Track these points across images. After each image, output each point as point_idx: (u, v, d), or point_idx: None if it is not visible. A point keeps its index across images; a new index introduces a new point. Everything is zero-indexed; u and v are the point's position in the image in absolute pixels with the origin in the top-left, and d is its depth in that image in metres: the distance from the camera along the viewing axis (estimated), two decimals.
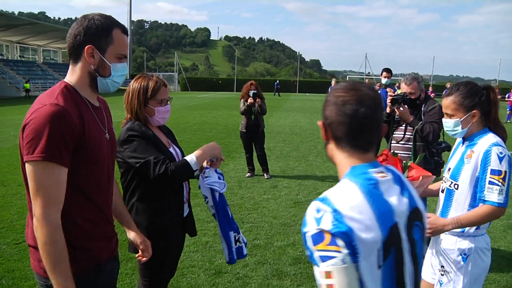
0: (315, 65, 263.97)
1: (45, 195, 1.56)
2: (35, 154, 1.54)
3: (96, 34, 1.69)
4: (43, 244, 1.57)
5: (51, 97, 1.63)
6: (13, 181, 7.23)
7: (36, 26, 44.01)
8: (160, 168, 2.25)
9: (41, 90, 41.44)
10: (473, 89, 2.28)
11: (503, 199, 2.13)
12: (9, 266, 4.05)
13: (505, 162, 2.14)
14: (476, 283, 2.30)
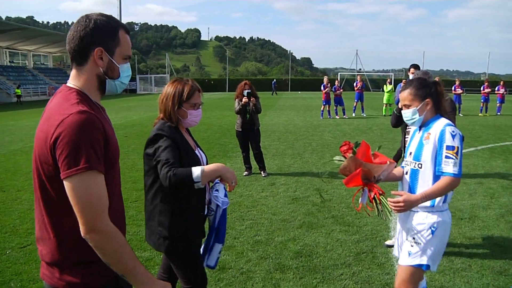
0: (306, 63, 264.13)
1: (98, 206, 1.53)
2: (80, 166, 1.48)
3: (104, 36, 1.65)
4: (115, 252, 1.56)
5: (72, 105, 1.57)
6: (12, 186, 7.28)
7: (25, 31, 43.66)
8: (163, 170, 2.32)
9: (33, 95, 41.26)
10: (424, 82, 2.72)
11: (457, 170, 2.50)
12: (16, 269, 4.12)
13: (457, 139, 2.53)
14: (440, 252, 2.65)
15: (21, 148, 11.33)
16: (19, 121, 19.26)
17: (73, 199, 1.50)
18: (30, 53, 52.50)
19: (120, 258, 1.57)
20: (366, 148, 2.71)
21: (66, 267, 1.63)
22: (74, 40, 1.64)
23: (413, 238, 2.63)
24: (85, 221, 1.51)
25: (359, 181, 2.66)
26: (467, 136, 12.97)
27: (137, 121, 18.22)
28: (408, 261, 2.64)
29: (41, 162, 1.58)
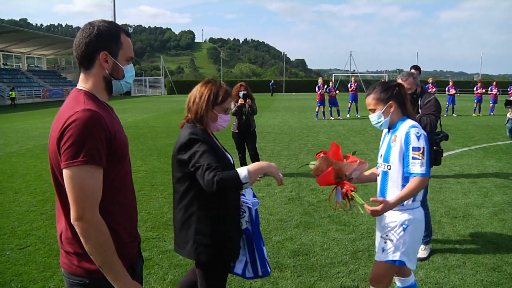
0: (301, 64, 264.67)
1: (90, 197, 1.63)
2: (79, 159, 1.59)
3: (107, 41, 1.77)
4: (98, 243, 1.65)
5: (79, 104, 1.69)
6: (9, 188, 7.29)
7: (19, 33, 43.52)
8: (208, 175, 2.20)
9: (27, 98, 41.08)
10: (386, 85, 2.78)
11: (425, 170, 2.57)
12: (16, 270, 4.15)
13: (422, 140, 2.59)
14: (413, 250, 2.73)
15: (17, 151, 11.31)
16: (13, 124, 19.20)
17: (68, 187, 1.62)
18: (24, 55, 52.27)
19: (101, 250, 1.66)
20: (336, 148, 2.76)
21: (83, 254, 1.71)
22: (81, 46, 1.76)
23: (386, 235, 2.72)
24: (76, 209, 1.62)
25: (331, 180, 2.71)
26: (461, 136, 13.10)
27: (131, 123, 18.23)
28: (381, 257, 2.74)
29: (53, 158, 1.71)
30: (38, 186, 7.38)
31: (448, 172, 8.15)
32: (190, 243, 2.46)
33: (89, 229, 1.63)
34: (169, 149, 11.10)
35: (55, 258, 4.39)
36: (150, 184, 7.44)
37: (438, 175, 7.86)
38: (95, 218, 1.64)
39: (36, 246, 4.71)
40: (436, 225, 5.24)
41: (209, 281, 2.55)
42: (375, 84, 2.85)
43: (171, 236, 4.93)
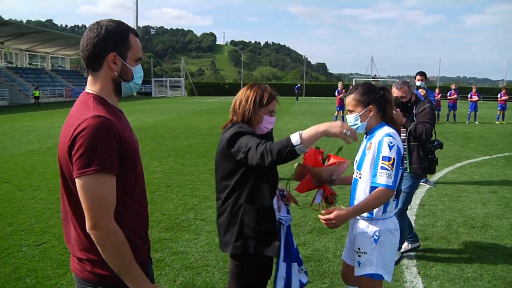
0: (321, 68, 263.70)
1: (104, 205, 1.61)
2: (91, 168, 1.57)
3: (116, 41, 1.73)
4: (115, 250, 1.63)
5: (88, 109, 1.65)
6: (28, 185, 7.43)
7: (44, 34, 44.52)
8: (260, 148, 2.20)
9: (50, 97, 41.95)
10: (369, 88, 2.63)
11: (391, 182, 2.41)
12: (31, 266, 4.22)
13: (394, 151, 2.43)
14: (389, 262, 2.60)
15: (38, 149, 11.54)
16: (36, 122, 19.61)
17: (81, 196, 1.60)
18: (49, 55, 53.41)
19: (118, 256, 1.64)
20: (314, 153, 2.67)
21: (96, 261, 1.70)
22: (88, 47, 1.72)
23: (359, 248, 2.60)
24: (91, 217, 1.60)
25: (311, 185, 2.66)
26: (482, 144, 12.83)
27: (150, 124, 18.40)
28: (358, 271, 2.62)
29: (63, 164, 1.70)
30: (56, 184, 7.50)
31: (467, 181, 7.99)
32: (236, 237, 2.50)
33: (105, 237, 1.61)
34: (186, 151, 11.17)
35: (69, 256, 4.40)
36: (166, 185, 7.48)
37: (456, 184, 7.71)
38: (110, 225, 1.62)
39: (52, 243, 4.79)
40: (453, 234, 5.13)
41: (250, 276, 2.60)
42: (359, 84, 2.71)
43: (184, 237, 4.96)
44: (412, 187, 4.39)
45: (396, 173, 2.44)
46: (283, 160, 2.17)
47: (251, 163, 2.27)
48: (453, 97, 21.00)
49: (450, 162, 9.88)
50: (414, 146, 4.31)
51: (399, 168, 2.47)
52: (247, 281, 2.60)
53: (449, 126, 18.89)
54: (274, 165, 2.29)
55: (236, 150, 2.38)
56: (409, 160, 4.33)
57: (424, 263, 4.36)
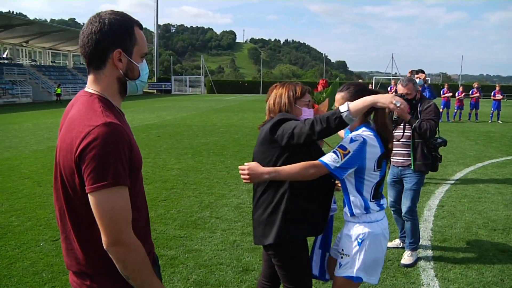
0: (341, 66, 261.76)
1: (123, 219, 1.49)
2: (107, 182, 1.43)
3: (121, 36, 1.57)
4: (138, 264, 1.53)
5: (96, 114, 1.50)
6: (48, 181, 7.54)
7: (67, 33, 45.30)
8: (308, 123, 2.29)
9: (72, 94, 42.63)
10: (361, 90, 2.56)
11: (332, 164, 2.35)
12: (48, 261, 4.28)
13: (354, 145, 2.36)
14: (372, 266, 2.52)
15: None
16: (58, 119, 19.91)
17: (97, 212, 1.46)
18: (71, 53, 54.29)
19: (140, 271, 1.54)
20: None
21: (96, 275, 1.61)
22: (90, 43, 1.55)
23: (342, 249, 2.58)
24: (110, 233, 1.47)
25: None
26: (505, 144, 12.52)
27: (170, 121, 18.53)
28: (338, 272, 2.58)
29: (66, 174, 1.54)
30: None
31: (489, 181, 7.80)
32: (278, 223, 2.49)
33: (127, 253, 1.49)
34: (204, 148, 11.20)
35: None
36: (183, 183, 7.51)
37: (477, 184, 7.54)
38: (132, 239, 1.51)
39: None
40: (473, 237, 5.01)
41: (290, 265, 2.60)
42: (352, 83, 2.67)
43: (199, 235, 4.96)
44: (418, 184, 4.38)
45: (345, 164, 2.36)
46: (331, 129, 2.25)
47: (298, 140, 2.32)
48: (475, 95, 20.58)
49: (471, 162, 9.68)
50: (418, 143, 4.34)
51: (352, 164, 2.39)
52: (296, 265, 2.61)
53: (470, 125, 18.52)
54: (323, 135, 2.29)
55: (280, 134, 2.42)
56: (413, 157, 4.35)
57: (442, 265, 4.26)
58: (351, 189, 2.49)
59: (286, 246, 2.56)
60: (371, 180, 2.46)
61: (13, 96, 36.83)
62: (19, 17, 45.94)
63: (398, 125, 4.45)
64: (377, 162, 2.43)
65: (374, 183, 2.47)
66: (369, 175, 2.45)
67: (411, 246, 4.38)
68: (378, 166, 2.45)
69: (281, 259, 2.60)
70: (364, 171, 2.43)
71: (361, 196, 2.48)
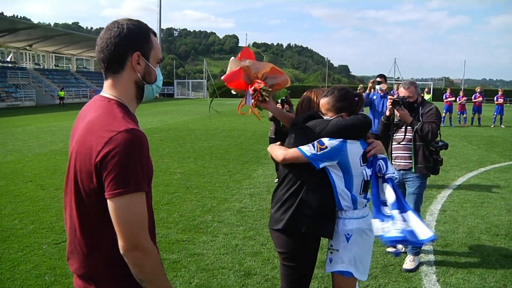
0: (344, 70, 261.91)
1: (142, 225, 1.51)
2: (129, 188, 1.45)
3: (139, 41, 1.62)
4: (154, 268, 1.55)
5: (117, 120, 1.52)
6: (51, 185, 7.57)
7: (70, 36, 45.49)
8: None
9: (74, 97, 42.80)
10: (345, 95, 2.67)
11: (309, 152, 2.48)
12: (51, 264, 4.29)
13: (333, 143, 2.47)
14: (360, 261, 2.59)
15: (61, 149, 11.76)
16: (61, 122, 20.02)
17: (116, 217, 1.47)
18: (74, 57, 54.58)
19: (156, 276, 1.56)
20: (249, 52, 2.67)
21: (102, 279, 1.62)
22: (109, 47, 1.58)
23: (331, 245, 2.65)
24: (128, 238, 1.48)
25: (240, 80, 2.59)
26: (508, 148, 12.50)
27: (172, 125, 18.57)
28: (328, 268, 2.67)
29: (82, 178, 1.54)
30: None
31: (491, 186, 7.78)
32: (290, 213, 2.55)
33: (144, 257, 1.51)
34: (206, 152, 11.22)
35: None
36: (185, 187, 7.52)
37: (480, 189, 7.53)
38: (150, 244, 1.53)
39: None
40: (475, 242, 5.00)
41: (301, 258, 2.63)
42: (336, 88, 2.74)
43: (201, 239, 4.97)
44: (420, 188, 4.39)
45: (321, 157, 2.48)
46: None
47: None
48: (477, 100, 20.56)
49: (473, 166, 9.66)
50: (419, 146, 4.34)
51: (329, 159, 2.49)
52: (296, 262, 2.63)
53: (473, 129, 18.48)
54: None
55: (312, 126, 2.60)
56: (414, 160, 4.35)
57: (444, 270, 4.26)
58: (339, 183, 2.55)
59: (294, 236, 2.59)
60: (359, 175, 2.56)
61: (17, 100, 36.99)
62: (23, 21, 46.23)
63: (399, 128, 4.47)
64: (362, 157, 2.54)
65: (363, 177, 2.57)
66: (356, 170, 2.54)
67: (414, 251, 4.38)
68: (364, 161, 2.55)
69: (287, 250, 2.62)
70: (350, 167, 2.52)
71: (349, 190, 2.56)
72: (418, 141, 4.34)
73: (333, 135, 2.49)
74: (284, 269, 2.67)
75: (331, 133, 2.49)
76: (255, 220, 5.70)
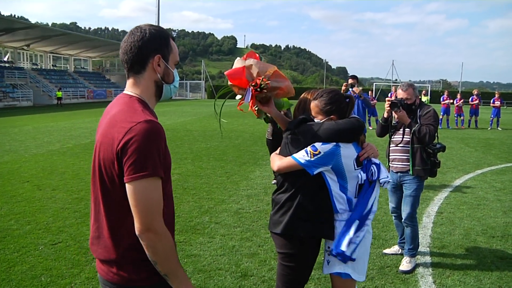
0: (342, 72, 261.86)
1: (157, 208, 1.63)
2: (146, 172, 1.58)
3: (160, 44, 1.77)
4: (166, 251, 1.66)
5: (137, 113, 1.67)
6: (48, 185, 7.56)
7: (68, 37, 45.39)
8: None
9: (72, 98, 42.71)
10: (335, 97, 2.66)
11: (303, 160, 2.48)
12: (47, 264, 4.28)
13: (327, 147, 2.46)
14: (357, 262, 2.57)
15: (59, 149, 11.74)
16: (58, 123, 19.98)
17: (134, 200, 1.60)
18: (72, 57, 54.47)
19: (167, 258, 1.66)
20: (253, 55, 2.66)
21: (124, 264, 1.72)
22: (133, 50, 1.73)
23: (328, 247, 2.64)
24: (143, 221, 1.60)
25: (243, 78, 2.57)
26: (505, 151, 12.54)
27: (170, 126, 18.54)
28: (326, 270, 2.67)
29: (105, 166, 1.68)
30: (75, 184, 7.62)
31: (488, 188, 7.81)
32: (288, 217, 2.55)
33: (157, 239, 1.62)
34: (204, 153, 11.22)
35: (83, 255, 4.50)
36: (182, 188, 7.52)
37: (476, 191, 7.55)
38: (163, 228, 1.64)
39: (67, 243, 4.85)
40: (471, 243, 5.02)
41: (300, 260, 2.62)
42: (325, 90, 2.73)
43: (198, 240, 4.97)
44: (418, 190, 4.37)
45: (315, 162, 2.47)
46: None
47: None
48: (475, 102, 20.62)
49: (470, 169, 9.69)
50: (417, 148, 4.33)
51: (324, 164, 2.48)
52: (295, 263, 2.62)
53: (470, 132, 18.53)
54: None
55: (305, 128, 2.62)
56: (412, 162, 4.34)
57: (440, 272, 4.27)
58: (334, 187, 2.55)
59: (293, 239, 2.59)
60: (353, 178, 2.55)
61: (14, 100, 36.88)
62: (21, 21, 46.16)
63: (397, 130, 4.48)
64: (355, 161, 2.52)
65: (357, 181, 2.56)
66: (350, 173, 2.53)
67: (410, 253, 4.39)
68: (358, 165, 2.54)
69: (286, 251, 2.62)
70: (344, 170, 2.51)
71: (344, 193, 2.56)
72: (416, 143, 4.33)
73: (326, 139, 2.48)
74: (282, 268, 2.67)
75: (324, 138, 2.48)
76: (252, 221, 5.70)
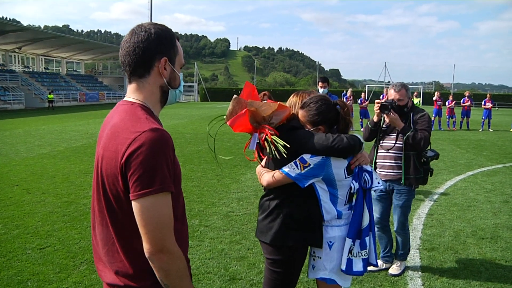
0: (335, 74, 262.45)
1: (168, 226, 1.47)
2: (154, 188, 1.41)
3: (166, 45, 1.60)
4: (180, 272, 1.51)
5: (140, 121, 1.50)
6: (37, 189, 7.49)
7: (60, 39, 45.15)
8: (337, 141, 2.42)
9: (64, 101, 42.49)
10: (324, 106, 2.54)
11: (293, 173, 2.42)
12: (34, 269, 4.23)
13: (314, 160, 2.41)
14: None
15: (49, 152, 11.65)
16: (49, 126, 19.84)
17: (143, 219, 1.43)
18: (64, 60, 54.16)
19: (181, 280, 1.52)
20: (252, 89, 2.54)
21: (143, 286, 1.58)
22: (136, 51, 1.56)
23: (314, 252, 2.63)
24: (154, 241, 1.44)
25: (247, 125, 2.45)
26: (496, 152, 12.62)
27: None
28: (311, 274, 2.65)
29: (109, 183, 1.52)
30: (65, 188, 7.56)
31: (478, 190, 7.84)
32: (276, 227, 2.51)
33: (171, 261, 1.47)
34: (195, 156, 11.18)
35: (71, 260, 4.45)
36: None
37: (467, 193, 7.58)
38: (176, 247, 1.49)
39: (55, 247, 4.80)
40: (461, 245, 5.03)
41: (288, 266, 2.59)
42: (315, 98, 2.58)
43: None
44: (409, 200, 4.19)
45: (305, 174, 2.42)
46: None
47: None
48: (466, 104, 20.77)
49: (461, 170, 9.74)
50: (410, 155, 4.06)
51: (314, 175, 2.43)
52: (283, 269, 2.59)
53: (461, 133, 18.65)
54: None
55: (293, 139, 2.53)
56: (404, 171, 4.08)
57: (429, 275, 4.27)
58: (324, 196, 2.51)
59: (282, 248, 2.55)
60: (344, 187, 2.52)
61: (5, 103, 36.60)
62: (12, 23, 45.75)
63: (387, 134, 4.18)
64: (346, 169, 2.48)
65: (348, 189, 2.53)
66: (341, 182, 2.49)
67: (401, 257, 4.34)
68: (349, 173, 2.50)
69: (274, 257, 2.59)
70: (334, 180, 2.47)
71: (334, 203, 2.52)
72: (409, 150, 4.04)
73: (316, 153, 2.41)
74: (269, 273, 2.64)
75: (314, 151, 2.40)
76: (242, 224, 5.68)
